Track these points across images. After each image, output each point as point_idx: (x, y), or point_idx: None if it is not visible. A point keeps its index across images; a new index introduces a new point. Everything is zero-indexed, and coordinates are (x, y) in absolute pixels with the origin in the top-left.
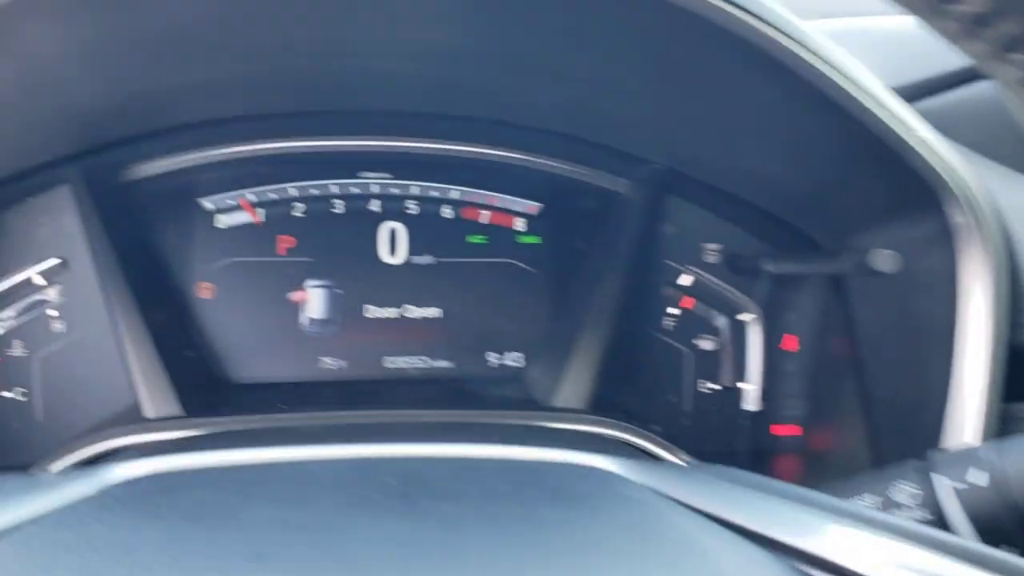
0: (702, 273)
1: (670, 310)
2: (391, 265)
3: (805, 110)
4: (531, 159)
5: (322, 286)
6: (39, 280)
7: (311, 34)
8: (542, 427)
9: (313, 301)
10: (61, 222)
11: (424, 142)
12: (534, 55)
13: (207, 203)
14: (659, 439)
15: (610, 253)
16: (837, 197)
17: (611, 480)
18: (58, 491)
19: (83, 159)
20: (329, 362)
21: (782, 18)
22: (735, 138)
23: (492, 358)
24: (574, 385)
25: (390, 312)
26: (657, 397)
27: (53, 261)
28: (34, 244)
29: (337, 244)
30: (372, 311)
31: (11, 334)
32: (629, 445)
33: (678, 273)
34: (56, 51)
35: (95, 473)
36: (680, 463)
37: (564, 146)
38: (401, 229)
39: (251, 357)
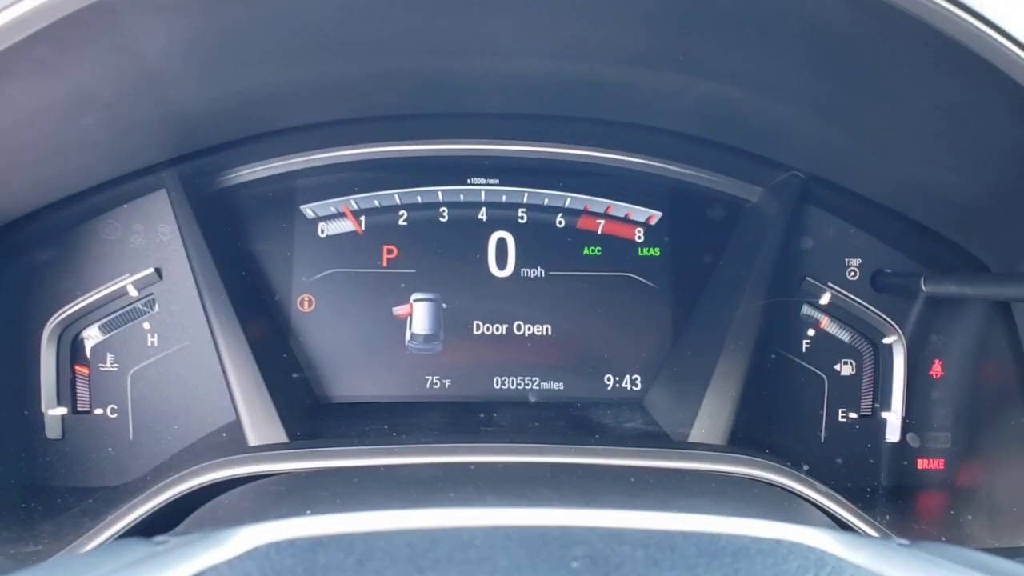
0: (843, 291)
1: (809, 331)
2: (500, 278)
3: (997, 112)
4: (653, 164)
5: (428, 300)
6: (133, 291)
7: (443, 30)
8: (709, 472)
9: (418, 316)
10: (157, 229)
11: (536, 146)
12: (693, 48)
13: (308, 210)
14: (850, 504)
15: (742, 268)
16: (1014, 212)
17: (827, 563)
18: (190, 562)
19: (181, 163)
20: (435, 381)
21: (987, 9)
22: (897, 141)
23: (608, 380)
24: (712, 418)
25: (499, 329)
26: (794, 428)
27: (148, 271)
28: (128, 253)
29: (443, 255)
30: (480, 327)
31: (103, 347)
32: (811, 504)
33: (818, 291)
34: (161, 48)
35: (223, 541)
36: (897, 541)
37: (691, 150)
38: (511, 239)
39: (353, 375)
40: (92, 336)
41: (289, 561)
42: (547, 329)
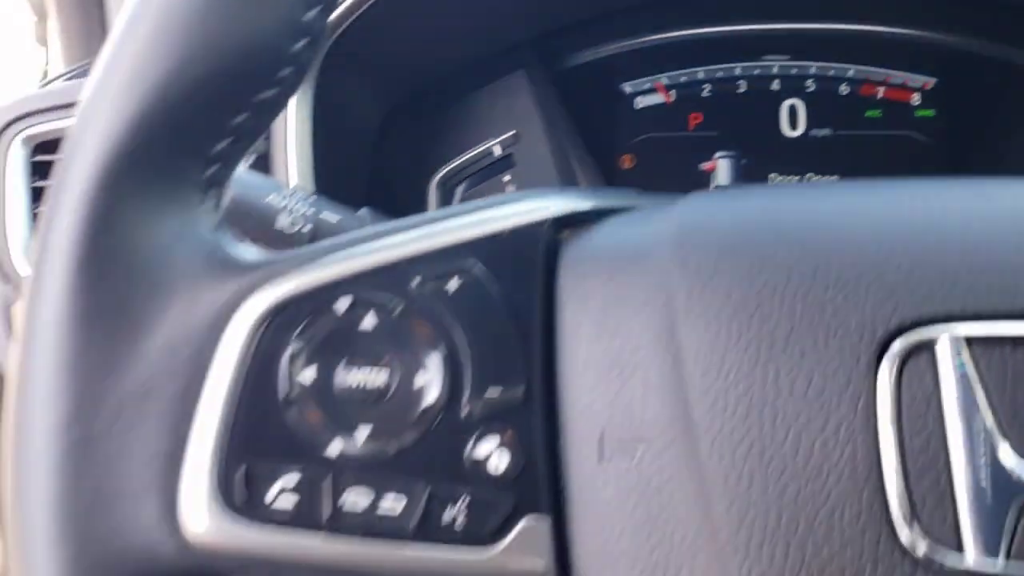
0: None
1: None
2: (792, 137)
3: None
4: (927, 34)
5: (729, 157)
6: (497, 150)
7: None
8: None
9: (722, 170)
10: (513, 105)
11: (823, 23)
12: None
13: (627, 87)
14: None
15: (1007, 134)
16: None
17: None
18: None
19: (534, 46)
20: None
21: None
22: None
23: None
24: None
25: (792, 180)
26: None
27: (510, 132)
28: (492, 122)
29: (741, 120)
30: (776, 179)
31: (468, 197)
32: None
33: None
34: None
35: None
36: None
37: (964, 16)
38: (800, 105)
39: None
40: (460, 192)
41: None
42: (835, 180)
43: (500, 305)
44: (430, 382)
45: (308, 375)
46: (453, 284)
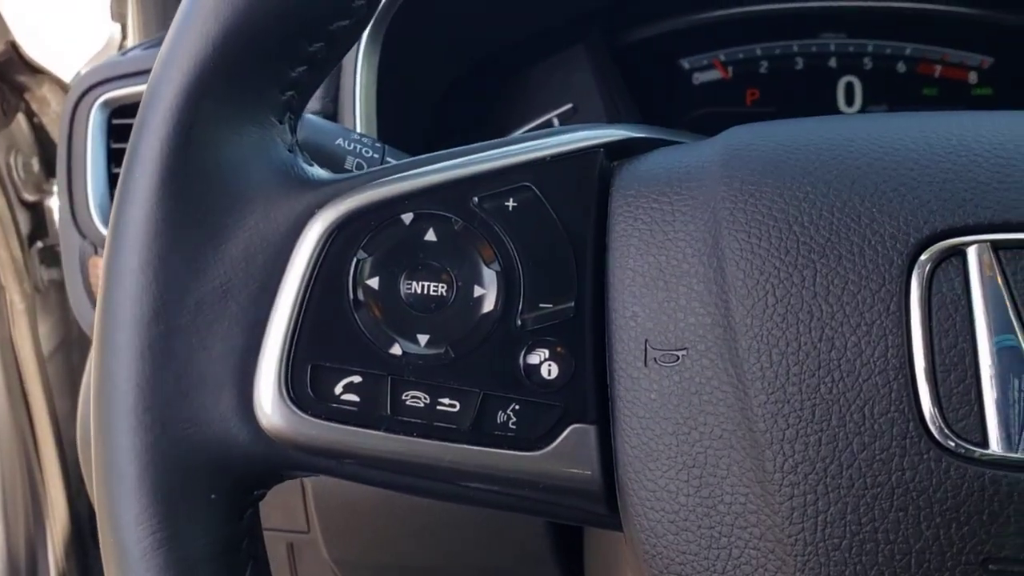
0: None
1: None
2: (848, 114)
3: None
4: (983, 13)
5: None
6: (555, 123)
7: None
8: None
9: None
10: (571, 78)
11: (879, 1)
12: None
13: (685, 63)
14: None
15: None
16: None
17: None
18: None
19: (594, 20)
20: None
21: None
22: None
23: None
24: None
25: None
26: None
27: (567, 106)
28: (550, 95)
29: (798, 96)
30: None
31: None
32: None
33: None
34: None
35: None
36: None
37: None
38: (857, 83)
39: None
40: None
41: None
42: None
43: (555, 224)
44: (486, 294)
45: (373, 282)
46: (511, 203)
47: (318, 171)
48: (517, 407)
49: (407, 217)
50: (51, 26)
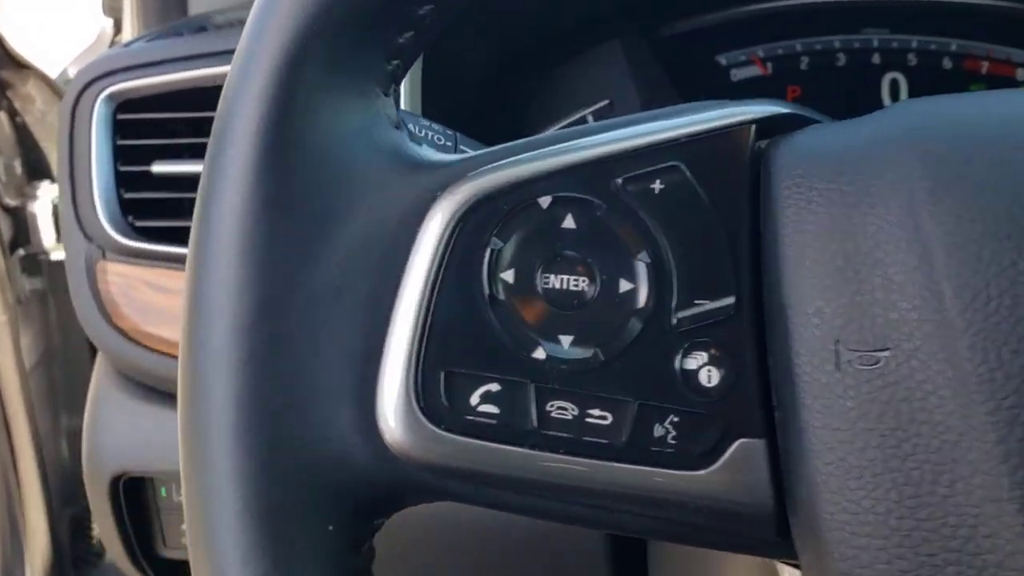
0: None
1: None
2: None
3: None
4: None
5: None
6: (590, 120)
7: None
8: None
9: None
10: (606, 74)
11: None
12: None
13: (722, 59)
14: None
15: None
16: None
17: None
18: None
19: (629, 16)
20: None
21: None
22: None
23: None
24: None
25: None
26: None
27: (604, 102)
28: (586, 91)
29: (841, 93)
30: None
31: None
32: None
33: None
34: None
35: None
36: None
37: None
38: (902, 79)
39: None
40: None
41: None
42: None
43: (708, 209)
44: (635, 288)
45: (508, 275)
46: (657, 185)
47: (428, 151)
48: (676, 419)
49: (545, 200)
50: (37, 20)
